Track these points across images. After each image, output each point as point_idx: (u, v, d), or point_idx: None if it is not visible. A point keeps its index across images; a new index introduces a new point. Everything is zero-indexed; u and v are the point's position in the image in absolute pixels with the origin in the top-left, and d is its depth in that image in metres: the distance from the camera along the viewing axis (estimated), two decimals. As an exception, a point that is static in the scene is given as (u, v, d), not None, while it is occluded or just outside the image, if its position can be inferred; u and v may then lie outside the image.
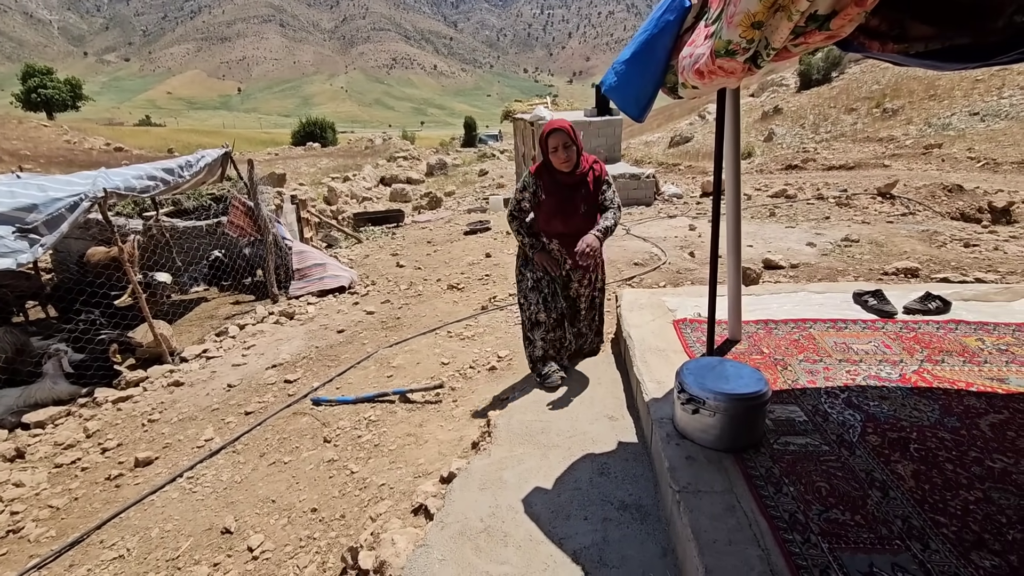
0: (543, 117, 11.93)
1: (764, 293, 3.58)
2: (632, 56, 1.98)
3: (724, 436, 1.96)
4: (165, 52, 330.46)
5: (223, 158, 6.58)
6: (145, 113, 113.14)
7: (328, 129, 46.79)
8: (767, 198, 9.95)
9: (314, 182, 19.49)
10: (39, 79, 51.66)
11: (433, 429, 3.04)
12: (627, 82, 2.06)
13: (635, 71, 1.99)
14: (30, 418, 3.85)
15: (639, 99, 2.10)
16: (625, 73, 2.04)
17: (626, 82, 2.06)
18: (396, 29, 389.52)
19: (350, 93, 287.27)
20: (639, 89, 2.05)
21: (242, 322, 5.50)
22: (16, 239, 3.93)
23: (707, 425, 1.97)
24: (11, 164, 20.11)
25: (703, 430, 1.99)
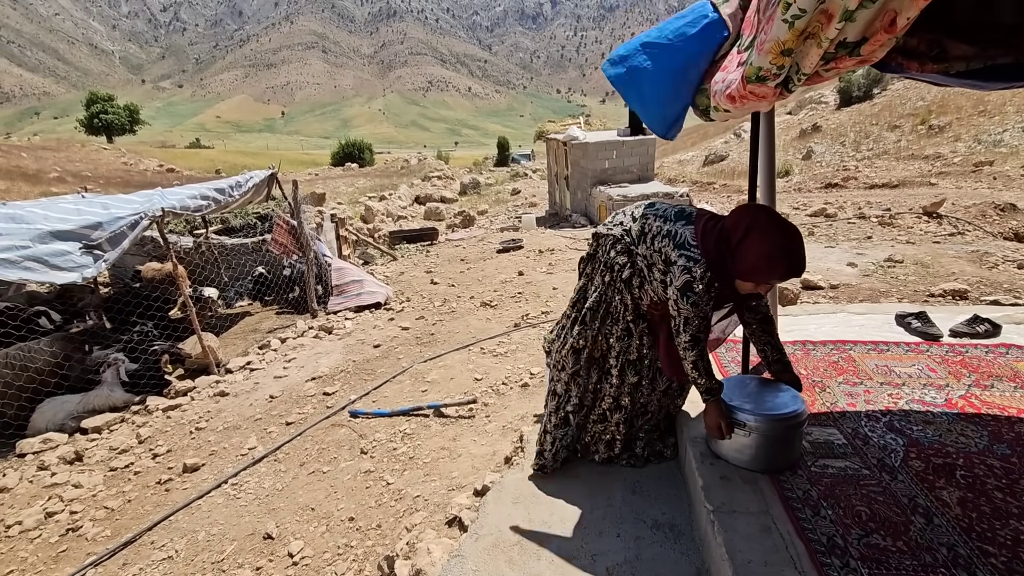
0: (576, 137, 12.06)
1: (802, 314, 3.52)
2: (659, 74, 1.98)
3: (760, 457, 1.94)
4: (215, 78, 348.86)
5: (269, 179, 6.91)
6: (195, 136, 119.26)
7: (366, 150, 48.21)
8: (806, 217, 9.75)
9: (352, 201, 20.09)
10: (101, 105, 55.19)
11: (466, 443, 3.10)
12: (655, 101, 2.06)
13: (663, 91, 2.01)
14: (88, 423, 4.08)
15: (666, 118, 2.11)
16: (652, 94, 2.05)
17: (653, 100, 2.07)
18: (432, 53, 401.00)
19: (387, 115, 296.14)
20: (667, 107, 2.07)
21: (284, 336, 5.70)
22: (82, 254, 4.22)
23: (742, 445, 1.96)
24: (74, 185, 21.45)
25: (738, 450, 1.98)
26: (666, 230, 1.94)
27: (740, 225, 1.78)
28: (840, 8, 1.08)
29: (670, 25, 1.95)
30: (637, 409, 2.27)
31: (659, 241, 1.94)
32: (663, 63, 1.92)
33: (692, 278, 1.81)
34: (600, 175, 11.68)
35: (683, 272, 1.83)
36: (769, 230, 1.73)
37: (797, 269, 1.73)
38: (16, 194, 17.90)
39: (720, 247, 1.81)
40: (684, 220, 1.95)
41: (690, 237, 1.87)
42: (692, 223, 1.92)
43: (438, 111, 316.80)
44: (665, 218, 1.99)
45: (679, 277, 1.84)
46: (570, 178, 12.69)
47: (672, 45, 1.88)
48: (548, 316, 5.25)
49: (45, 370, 4.32)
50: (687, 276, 1.82)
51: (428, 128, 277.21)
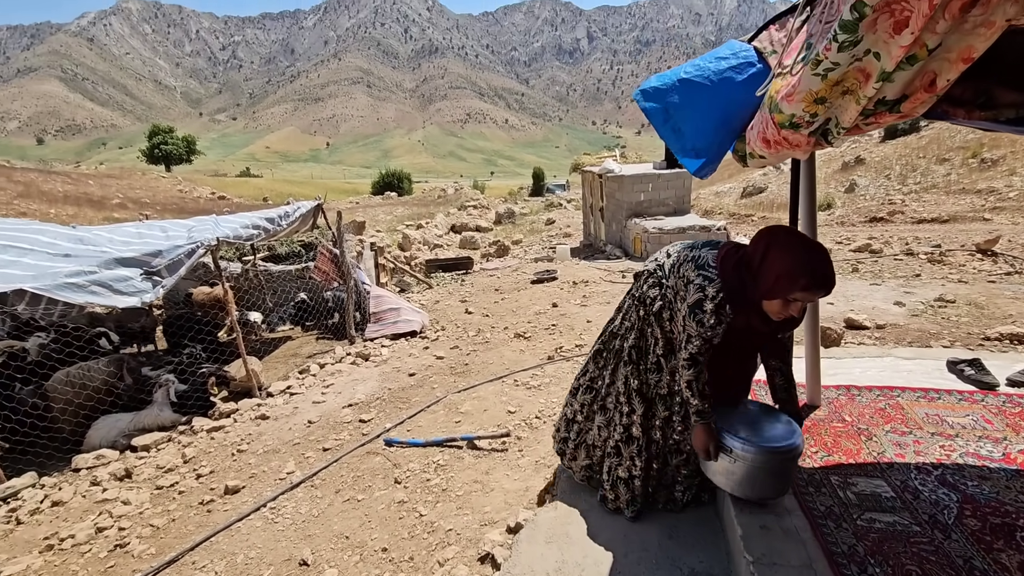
0: (612, 169, 12.16)
1: (846, 356, 3.42)
2: (697, 115, 2.00)
3: (746, 485, 1.92)
4: (266, 111, 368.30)
5: (315, 209, 7.21)
6: (246, 165, 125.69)
7: (405, 180, 49.76)
8: (849, 252, 9.49)
9: (390, 229, 20.65)
10: (162, 137, 58.96)
11: (499, 477, 3.10)
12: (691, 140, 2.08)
13: (701, 133, 2.02)
14: (138, 441, 4.27)
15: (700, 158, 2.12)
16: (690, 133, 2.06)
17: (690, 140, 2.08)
18: (471, 87, 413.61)
19: (426, 146, 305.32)
20: (703, 149, 2.08)
21: (322, 361, 5.85)
22: (142, 280, 4.49)
23: (728, 471, 1.94)
24: (134, 211, 22.80)
25: (723, 473, 1.96)
26: (691, 255, 1.96)
27: (759, 245, 1.75)
28: (877, 69, 1.11)
29: (711, 66, 1.96)
30: (669, 446, 2.22)
31: (684, 267, 1.95)
32: (703, 105, 1.94)
33: (704, 296, 1.79)
34: (635, 207, 11.70)
35: (697, 291, 1.82)
36: (790, 245, 1.70)
37: (824, 281, 1.62)
38: (82, 219, 19.15)
39: (740, 271, 1.78)
40: (710, 246, 1.97)
41: (711, 259, 1.88)
42: (716, 248, 1.94)
43: (475, 142, 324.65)
44: (692, 247, 2.03)
45: (692, 295, 1.83)
46: (605, 210, 12.75)
47: (714, 87, 1.90)
48: (582, 349, 5.24)
49: (102, 389, 4.56)
50: (699, 294, 1.81)
51: (465, 158, 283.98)
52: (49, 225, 5.21)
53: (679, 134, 1.95)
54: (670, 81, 1.91)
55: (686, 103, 1.88)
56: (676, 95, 1.89)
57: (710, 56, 1.94)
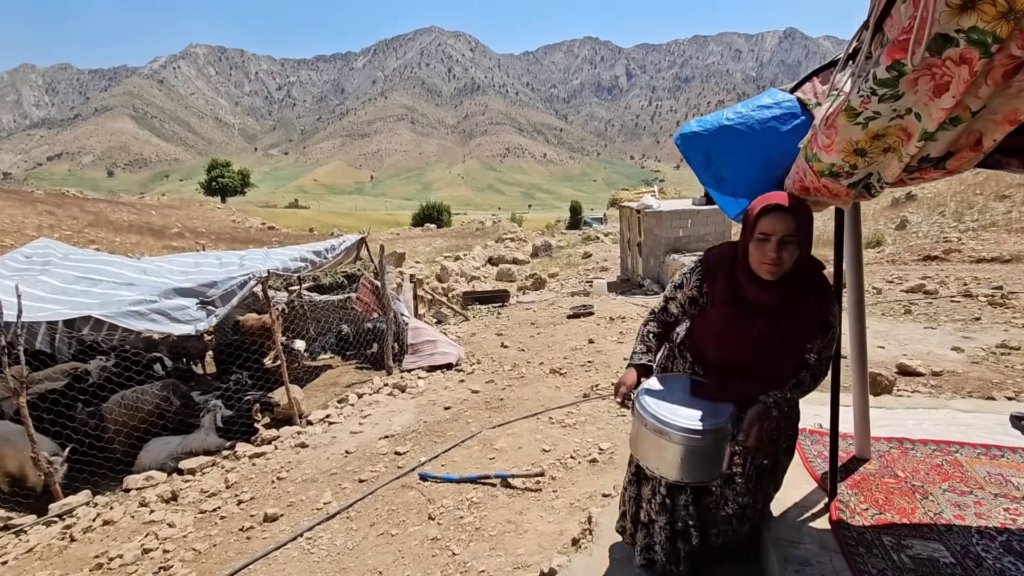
0: (650, 205, 12.15)
1: (898, 407, 3.26)
2: (739, 162, 2.01)
3: (648, 456, 1.75)
4: (316, 147, 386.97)
5: (359, 242, 7.48)
6: (295, 197, 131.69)
7: (444, 212, 50.96)
8: (901, 292, 9.09)
9: (429, 260, 21.09)
10: (220, 170, 62.64)
11: (533, 518, 3.06)
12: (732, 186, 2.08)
13: (742, 180, 2.03)
14: (185, 464, 4.43)
15: (741, 204, 2.12)
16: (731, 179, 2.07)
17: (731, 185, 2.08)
18: (511, 123, 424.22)
19: (466, 179, 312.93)
20: (744, 195, 2.09)
21: (360, 391, 5.97)
22: (198, 309, 4.74)
23: (646, 449, 1.76)
24: (191, 240, 24.10)
25: (643, 454, 1.80)
26: None
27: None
28: (919, 129, 1.12)
29: (754, 114, 1.98)
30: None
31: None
32: (745, 153, 1.96)
33: (685, 271, 1.92)
34: (674, 243, 11.61)
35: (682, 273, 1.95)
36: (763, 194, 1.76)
37: (775, 204, 1.62)
38: (144, 247, 20.38)
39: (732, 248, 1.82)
40: None
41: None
42: None
43: (514, 176, 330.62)
44: None
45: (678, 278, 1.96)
46: (643, 245, 12.69)
47: (757, 136, 1.92)
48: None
49: (154, 412, 4.78)
50: (683, 271, 1.94)
51: (503, 191, 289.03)
52: (118, 257, 5.59)
53: (721, 181, 1.97)
54: (712, 127, 1.94)
55: (728, 151, 1.91)
56: (718, 142, 1.92)
57: (752, 104, 1.97)
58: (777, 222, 1.58)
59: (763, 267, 1.64)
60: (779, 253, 1.59)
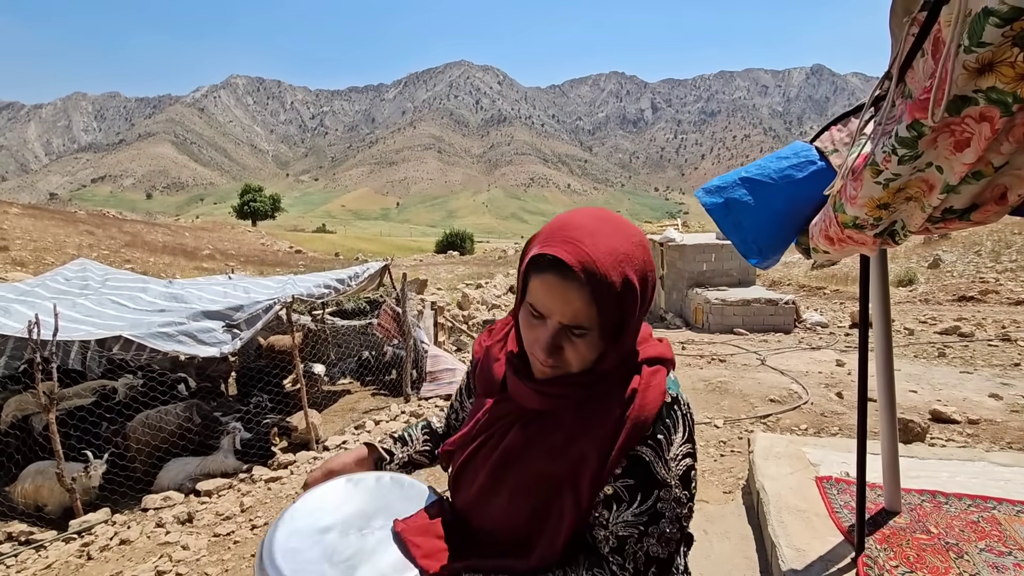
0: (673, 239, 12.11)
1: (931, 457, 3.12)
2: (759, 210, 2.02)
3: None
4: (345, 174, 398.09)
5: (382, 270, 7.61)
6: (322, 222, 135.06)
7: (467, 239, 51.54)
8: (935, 334, 8.80)
9: (450, 287, 21.25)
10: (252, 195, 64.72)
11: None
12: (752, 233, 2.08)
13: (762, 227, 2.03)
14: (202, 486, 4.46)
15: (763, 251, 2.11)
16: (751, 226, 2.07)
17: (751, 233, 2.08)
18: (536, 153, 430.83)
19: (489, 207, 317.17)
20: (765, 242, 2.08)
21: (378, 418, 5.97)
22: (223, 332, 4.85)
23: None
24: (222, 261, 24.80)
25: None
26: None
27: None
28: (941, 181, 1.11)
29: (772, 164, 2.02)
30: None
31: None
32: (764, 200, 1.98)
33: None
34: (697, 277, 11.50)
35: None
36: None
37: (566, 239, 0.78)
38: (176, 268, 21.03)
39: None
40: None
41: None
42: None
43: (537, 205, 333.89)
44: None
45: None
46: (665, 278, 12.60)
47: (775, 185, 1.95)
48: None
49: (176, 432, 4.85)
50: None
51: (527, 220, 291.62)
52: (152, 282, 5.78)
53: (739, 228, 1.98)
54: (731, 180, 1.98)
55: (747, 199, 1.93)
56: (737, 191, 1.94)
57: (771, 157, 2.01)
58: (555, 295, 0.78)
59: (534, 359, 0.86)
60: (556, 350, 0.81)
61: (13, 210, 24.70)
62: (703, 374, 6.60)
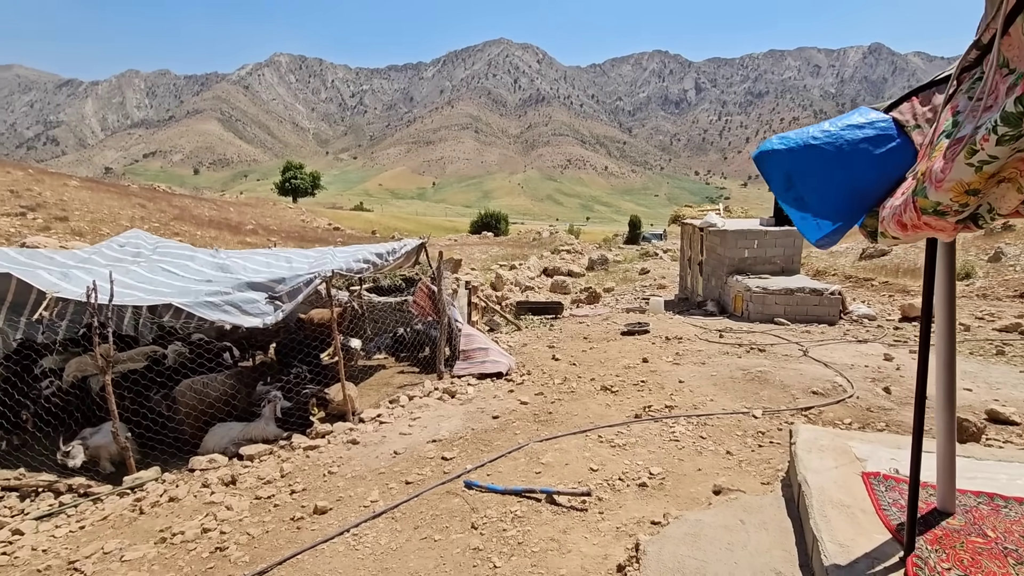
0: (714, 223, 11.76)
1: (988, 458, 2.96)
2: (824, 185, 1.89)
3: None
4: (383, 152, 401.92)
5: (419, 248, 7.67)
6: (360, 200, 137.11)
7: (502, 220, 51.45)
8: (993, 331, 8.32)
9: (484, 268, 21.30)
10: (293, 172, 66.16)
11: (577, 539, 2.99)
12: (814, 209, 1.96)
13: (827, 203, 1.91)
14: (245, 451, 4.65)
15: (822, 228, 1.98)
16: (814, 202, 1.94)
17: (813, 208, 1.96)
18: (574, 135, 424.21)
19: (525, 188, 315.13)
20: (827, 219, 1.96)
21: (411, 393, 6.07)
22: (266, 303, 4.99)
23: None
24: (264, 236, 25.53)
25: None
26: None
27: None
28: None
29: (844, 134, 1.84)
30: None
31: None
32: (832, 175, 1.83)
33: None
34: (738, 264, 11.17)
35: None
36: None
37: None
38: (221, 241, 21.74)
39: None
40: None
41: None
42: None
43: (573, 187, 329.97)
44: None
45: None
46: (704, 264, 12.28)
47: (845, 158, 1.79)
48: (672, 411, 5.00)
49: (221, 399, 5.05)
50: None
51: (562, 203, 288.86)
52: (200, 251, 5.96)
53: (801, 203, 1.86)
54: (795, 145, 1.83)
55: (813, 171, 1.79)
56: (802, 162, 1.81)
57: (841, 122, 1.85)
58: None
59: None
60: None
61: (72, 183, 25.95)
62: (741, 363, 6.43)
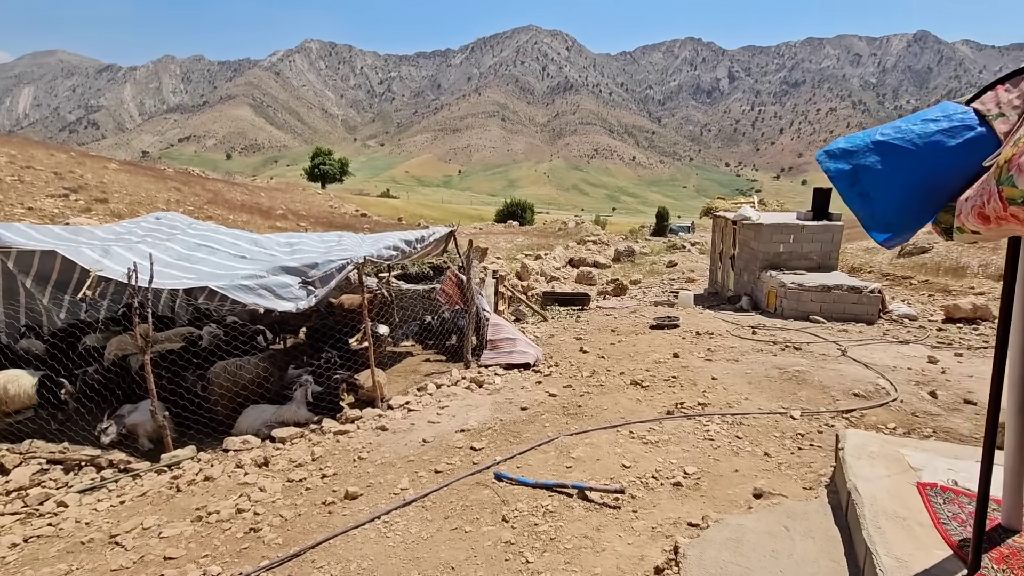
0: (749, 217, 11.45)
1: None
2: (896, 180, 1.77)
3: None
4: (410, 140, 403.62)
5: (448, 236, 7.63)
6: (386, 187, 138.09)
7: (528, 210, 51.17)
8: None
9: (509, 257, 21.24)
10: (322, 158, 66.93)
11: (611, 537, 2.93)
12: (884, 206, 1.84)
13: (898, 199, 1.79)
14: (277, 433, 4.71)
15: (892, 227, 1.86)
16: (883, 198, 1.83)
17: (883, 205, 1.84)
18: (602, 124, 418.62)
19: (551, 178, 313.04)
20: (898, 217, 1.84)
21: (439, 382, 6.07)
22: (299, 288, 5.02)
23: None
24: (293, 221, 25.92)
25: None
26: None
27: None
28: None
29: (914, 128, 1.74)
30: None
31: None
32: (902, 169, 1.72)
33: None
34: (773, 259, 10.85)
35: None
36: None
37: None
38: (252, 225, 22.15)
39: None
40: None
41: None
42: None
43: (600, 177, 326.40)
44: None
45: None
46: (737, 258, 11.98)
47: (917, 151, 1.68)
48: (705, 408, 4.88)
49: (255, 381, 5.12)
50: None
51: (588, 193, 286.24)
52: (234, 230, 6.03)
53: (867, 200, 1.74)
54: (862, 143, 1.72)
55: (881, 167, 1.68)
56: (869, 158, 1.69)
57: (915, 118, 1.73)
58: None
59: None
60: None
61: (112, 166, 26.72)
62: (777, 361, 6.25)
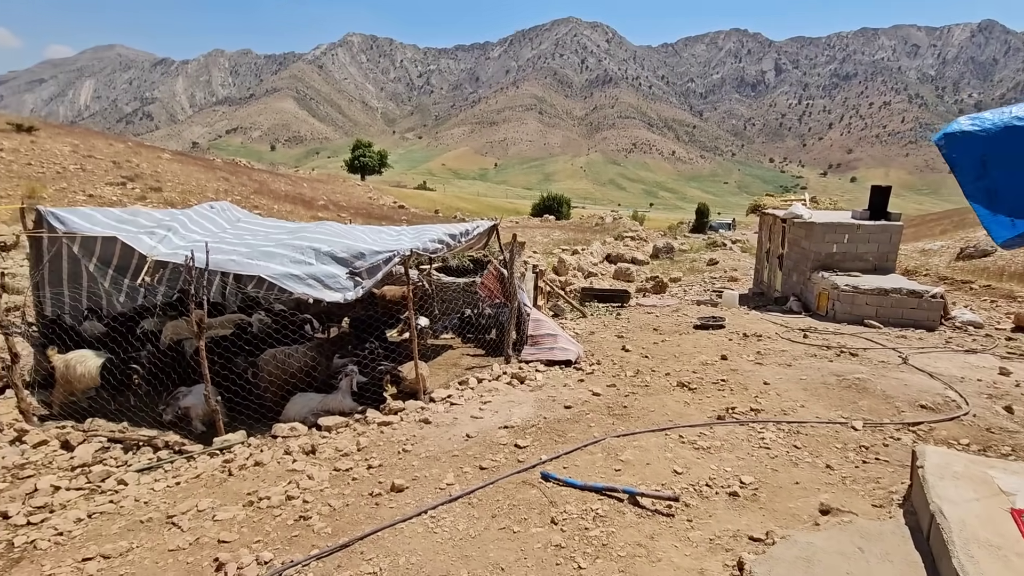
0: (800, 215, 10.99)
1: None
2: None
3: None
4: (447, 132, 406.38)
5: (491, 229, 7.59)
6: (423, 179, 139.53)
7: (564, 204, 50.75)
8: None
9: (546, 252, 21.09)
10: (362, 150, 68.06)
11: (666, 547, 2.82)
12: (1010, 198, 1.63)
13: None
14: (323, 422, 4.77)
15: (1017, 225, 1.67)
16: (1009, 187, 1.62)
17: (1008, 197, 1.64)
18: (640, 117, 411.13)
19: (587, 172, 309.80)
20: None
21: (480, 376, 6.04)
22: (347, 279, 5.06)
23: None
24: (335, 211, 26.43)
25: None
26: None
27: None
28: None
29: None
30: None
31: None
32: None
33: None
34: (824, 259, 10.39)
35: None
36: None
37: None
38: (296, 215, 22.69)
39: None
40: None
41: None
42: None
43: (637, 172, 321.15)
44: None
45: None
46: (786, 258, 11.53)
47: None
48: (758, 414, 4.69)
49: (302, 370, 5.20)
50: None
51: (625, 188, 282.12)
52: (280, 221, 6.13)
53: (993, 196, 1.56)
54: (992, 127, 1.53)
55: (1016, 158, 1.50)
56: (1002, 147, 1.51)
57: None
58: None
59: None
60: None
61: (165, 156, 27.82)
62: (833, 367, 5.96)
